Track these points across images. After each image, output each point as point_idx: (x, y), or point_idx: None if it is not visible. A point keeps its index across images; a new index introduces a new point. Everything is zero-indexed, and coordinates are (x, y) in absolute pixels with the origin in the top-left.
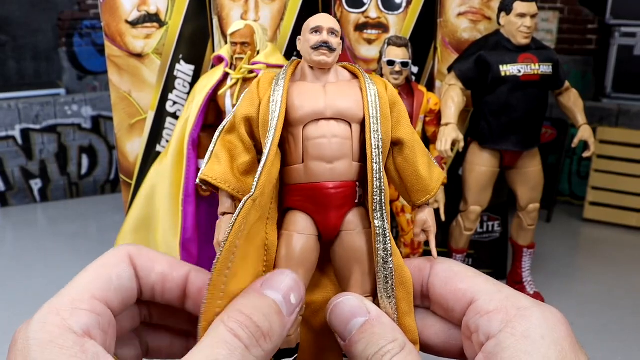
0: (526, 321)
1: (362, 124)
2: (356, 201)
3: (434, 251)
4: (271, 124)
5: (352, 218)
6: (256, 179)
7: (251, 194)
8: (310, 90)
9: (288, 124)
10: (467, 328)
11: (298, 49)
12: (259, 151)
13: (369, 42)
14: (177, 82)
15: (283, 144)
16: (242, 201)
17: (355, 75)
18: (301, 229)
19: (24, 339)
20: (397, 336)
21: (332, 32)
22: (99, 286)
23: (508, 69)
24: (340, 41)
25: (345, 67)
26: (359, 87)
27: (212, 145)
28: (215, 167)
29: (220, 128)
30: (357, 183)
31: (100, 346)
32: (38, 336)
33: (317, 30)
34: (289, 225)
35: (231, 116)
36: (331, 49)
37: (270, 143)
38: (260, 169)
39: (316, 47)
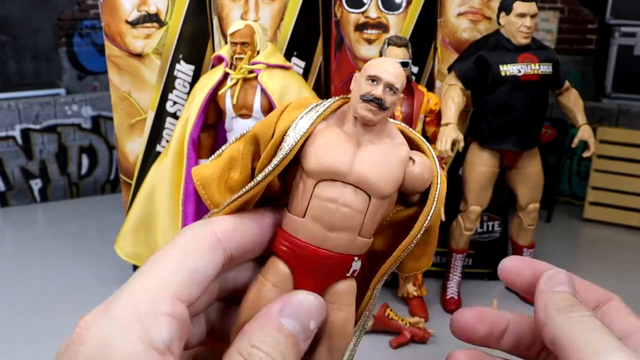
0: None
1: (386, 200)
2: (347, 275)
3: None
4: (280, 152)
5: (336, 291)
6: (226, 202)
7: (213, 211)
8: (341, 143)
9: (303, 170)
10: None
11: (350, 88)
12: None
13: (369, 42)
14: (177, 82)
15: (292, 185)
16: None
17: (412, 141)
18: (276, 282)
19: (101, 343)
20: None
21: (390, 87)
22: (181, 280)
23: (508, 69)
24: (398, 98)
25: (403, 131)
26: (401, 156)
27: (227, 144)
28: (207, 167)
29: (242, 131)
30: (356, 257)
31: None
32: (120, 348)
33: (374, 79)
34: (266, 273)
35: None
36: (382, 107)
37: (267, 171)
38: (239, 193)
39: (366, 100)
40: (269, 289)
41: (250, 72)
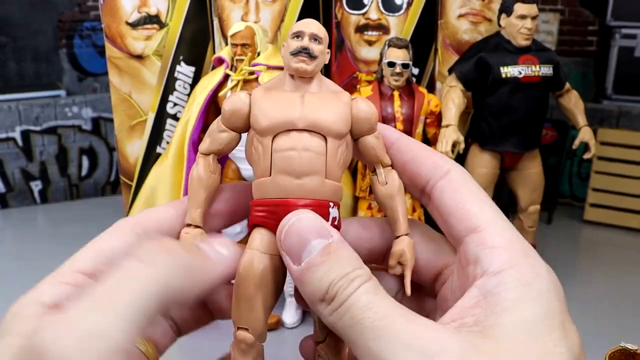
0: (533, 270)
1: (342, 140)
2: (330, 223)
3: (408, 287)
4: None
5: None
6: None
7: None
8: (285, 98)
9: (257, 133)
10: (464, 256)
11: (282, 55)
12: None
13: (370, 43)
14: (177, 83)
15: (251, 155)
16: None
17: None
18: (263, 248)
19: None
20: (363, 265)
21: (314, 38)
22: (88, 258)
23: (508, 71)
24: (326, 49)
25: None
26: (343, 100)
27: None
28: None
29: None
30: (331, 204)
31: None
32: (11, 310)
33: (298, 35)
34: (252, 243)
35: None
36: (312, 56)
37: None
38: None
39: (295, 53)
40: (259, 257)
41: (251, 73)
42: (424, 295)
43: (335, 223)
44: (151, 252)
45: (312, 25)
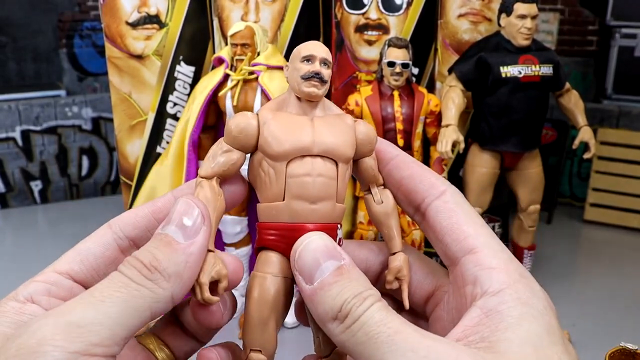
0: (530, 290)
1: (349, 163)
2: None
3: (406, 301)
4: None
5: None
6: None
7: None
8: (296, 122)
9: (268, 157)
10: (461, 277)
11: (285, 76)
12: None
13: (369, 43)
14: (177, 83)
15: (256, 177)
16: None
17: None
18: (276, 271)
19: None
20: (372, 287)
21: (324, 62)
22: (64, 260)
23: (508, 71)
24: (330, 72)
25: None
26: (348, 123)
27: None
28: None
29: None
30: (339, 225)
31: (41, 308)
32: None
33: (308, 59)
34: (263, 266)
35: None
36: (323, 81)
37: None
38: None
39: (307, 78)
40: (270, 280)
41: (251, 73)
42: (416, 317)
43: (341, 243)
44: (134, 269)
45: (322, 49)
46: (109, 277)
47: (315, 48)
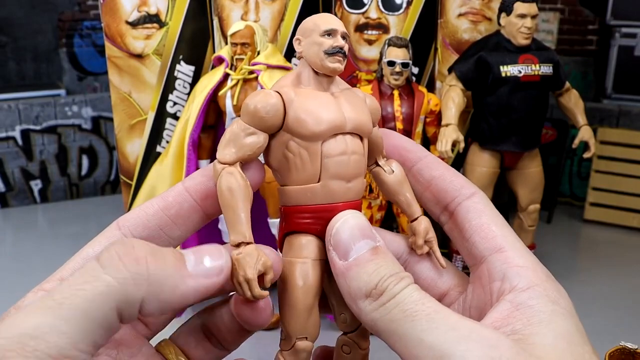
0: (557, 290)
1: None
2: None
3: (442, 259)
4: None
5: None
6: None
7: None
8: (322, 99)
9: (300, 137)
10: (488, 273)
11: (298, 51)
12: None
13: (370, 42)
14: (177, 82)
15: (280, 160)
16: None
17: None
18: (314, 255)
19: None
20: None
21: (344, 36)
22: (72, 266)
23: (508, 70)
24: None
25: None
26: (361, 97)
27: None
28: None
29: None
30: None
31: None
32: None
33: (330, 33)
34: (300, 251)
35: None
36: (345, 55)
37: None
38: None
39: (332, 53)
40: (311, 265)
41: (251, 72)
42: None
43: None
44: (114, 258)
45: (340, 23)
46: (80, 269)
47: (335, 21)
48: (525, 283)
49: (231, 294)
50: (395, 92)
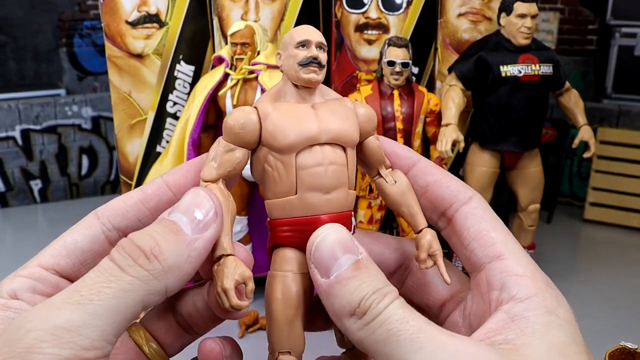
0: (556, 300)
1: (354, 148)
2: (351, 233)
3: (446, 275)
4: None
5: None
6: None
7: None
8: (298, 111)
9: (275, 150)
10: (486, 282)
11: (279, 65)
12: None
13: (369, 42)
14: (177, 82)
15: (262, 174)
16: None
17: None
18: (295, 268)
19: None
20: (390, 283)
21: (320, 46)
22: (49, 253)
23: (508, 70)
24: (326, 56)
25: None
26: (349, 106)
27: None
28: None
29: None
30: (352, 212)
31: (25, 303)
32: None
33: (304, 44)
34: (281, 265)
35: None
36: (321, 66)
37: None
38: None
39: (305, 64)
40: (292, 278)
41: (251, 72)
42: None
43: (354, 232)
44: (127, 259)
45: (315, 33)
46: (97, 268)
47: (309, 32)
48: (524, 293)
49: (203, 281)
50: (395, 92)
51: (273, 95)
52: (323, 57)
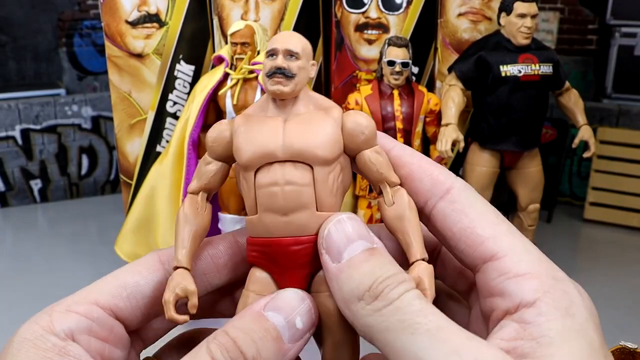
0: (567, 297)
1: (334, 165)
2: None
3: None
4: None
5: (320, 277)
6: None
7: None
8: (266, 126)
9: (240, 167)
10: (484, 286)
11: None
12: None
13: (369, 42)
14: (177, 82)
15: (241, 189)
16: None
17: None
18: (258, 290)
19: (13, 336)
20: (406, 274)
21: (290, 54)
22: (108, 291)
23: (508, 70)
24: (309, 62)
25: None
26: (333, 117)
27: None
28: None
29: None
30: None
31: (83, 350)
32: (22, 334)
33: (273, 53)
34: (249, 284)
35: None
36: (288, 76)
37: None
38: None
39: (270, 75)
40: (252, 298)
41: (251, 72)
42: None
43: None
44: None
45: (287, 40)
46: (197, 354)
47: (280, 39)
48: (530, 296)
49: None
50: (395, 92)
51: (257, 107)
52: (293, 65)
